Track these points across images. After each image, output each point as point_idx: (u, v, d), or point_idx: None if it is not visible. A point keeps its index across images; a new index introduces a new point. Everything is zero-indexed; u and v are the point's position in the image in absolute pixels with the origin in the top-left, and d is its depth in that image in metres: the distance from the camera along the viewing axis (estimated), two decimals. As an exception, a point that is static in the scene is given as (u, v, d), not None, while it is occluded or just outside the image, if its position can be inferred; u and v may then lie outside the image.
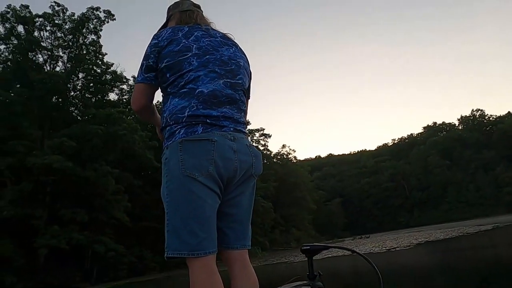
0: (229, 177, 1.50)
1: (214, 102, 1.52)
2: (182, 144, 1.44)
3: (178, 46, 1.57)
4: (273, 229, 46.03)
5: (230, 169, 1.49)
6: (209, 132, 1.47)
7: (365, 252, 18.78)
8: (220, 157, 1.46)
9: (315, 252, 1.76)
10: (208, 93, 1.51)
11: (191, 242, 1.40)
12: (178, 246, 1.41)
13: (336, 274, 9.93)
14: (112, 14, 32.88)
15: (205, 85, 1.53)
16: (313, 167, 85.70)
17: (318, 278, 1.73)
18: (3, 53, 30.71)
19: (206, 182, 1.44)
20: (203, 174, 1.43)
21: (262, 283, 1.58)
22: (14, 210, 22.91)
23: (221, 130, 1.50)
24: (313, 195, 63.82)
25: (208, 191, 1.45)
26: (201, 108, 1.49)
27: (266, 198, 43.65)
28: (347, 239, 47.30)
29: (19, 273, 22.25)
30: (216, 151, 1.46)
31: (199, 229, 1.41)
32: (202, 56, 1.57)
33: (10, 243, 22.68)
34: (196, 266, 1.40)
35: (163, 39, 1.59)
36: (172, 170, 1.45)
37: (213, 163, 1.44)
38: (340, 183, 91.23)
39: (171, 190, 1.44)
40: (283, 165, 57.02)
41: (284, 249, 41.95)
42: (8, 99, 27.96)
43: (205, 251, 1.41)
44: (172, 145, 1.47)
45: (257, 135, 54.06)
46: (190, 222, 1.41)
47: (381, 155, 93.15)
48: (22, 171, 25.00)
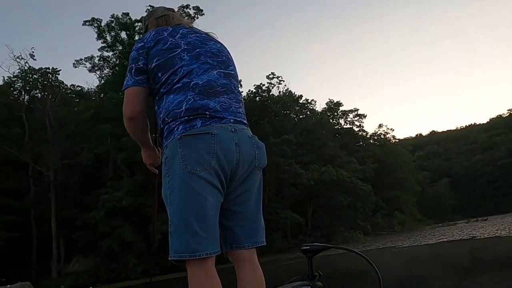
0: (232, 170, 1.46)
1: (210, 92, 1.48)
2: (181, 140, 1.40)
3: (166, 45, 1.54)
4: (374, 213, 44.02)
5: (233, 162, 1.45)
6: (208, 125, 1.43)
7: (488, 236, 16.72)
8: (222, 150, 1.42)
9: (315, 252, 1.75)
10: (204, 84, 1.48)
11: (193, 243, 1.35)
12: (181, 248, 1.36)
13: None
14: (201, 10, 34.11)
15: (199, 76, 1.50)
16: (415, 146, 79.83)
17: (318, 278, 1.73)
18: (111, 59, 34.01)
19: (208, 177, 1.40)
20: (205, 169, 1.39)
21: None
22: (131, 199, 25.36)
23: (220, 122, 1.46)
24: (417, 176, 59.39)
25: (210, 188, 1.41)
26: (198, 100, 1.45)
27: (365, 181, 41.79)
28: (459, 222, 43.22)
29: (139, 256, 24.68)
30: (217, 144, 1.41)
31: (200, 229, 1.37)
32: (192, 50, 1.55)
33: (131, 229, 25.25)
34: (196, 269, 1.36)
35: (149, 40, 1.56)
36: (173, 168, 1.41)
37: (215, 157, 1.41)
38: (446, 162, 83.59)
39: (173, 189, 1.40)
40: (381, 146, 53.99)
41: (387, 233, 40.05)
42: (119, 101, 30.91)
43: (207, 252, 1.37)
44: (171, 143, 1.43)
45: (351, 116, 51.92)
46: (192, 221, 1.37)
47: (495, 128, 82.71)
48: (134, 164, 27.51)
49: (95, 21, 32.52)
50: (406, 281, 8.60)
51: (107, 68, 34.21)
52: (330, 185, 37.14)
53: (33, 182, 28.52)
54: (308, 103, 48.40)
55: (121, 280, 23.25)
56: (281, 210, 34.21)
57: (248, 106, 41.68)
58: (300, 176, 35.49)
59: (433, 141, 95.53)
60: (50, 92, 31.89)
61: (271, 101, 41.34)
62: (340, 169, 38.64)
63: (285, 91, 43.68)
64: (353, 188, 38.69)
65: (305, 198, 37.60)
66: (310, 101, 48.59)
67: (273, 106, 40.93)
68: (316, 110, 49.32)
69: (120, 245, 24.75)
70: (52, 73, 31.95)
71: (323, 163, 39.75)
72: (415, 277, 9.19)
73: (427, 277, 8.68)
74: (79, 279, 24.73)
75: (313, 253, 1.75)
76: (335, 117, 51.55)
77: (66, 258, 27.45)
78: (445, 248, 13.13)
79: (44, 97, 31.85)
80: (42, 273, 26.01)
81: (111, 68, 34.06)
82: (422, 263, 12.04)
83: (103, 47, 33.38)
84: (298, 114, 47.45)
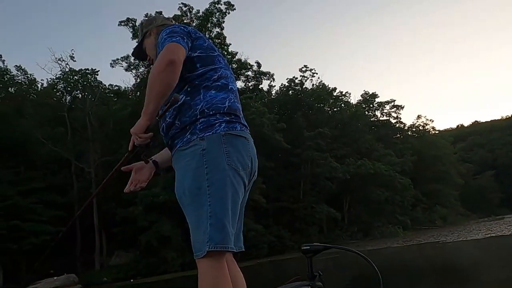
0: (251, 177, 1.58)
1: (239, 101, 1.62)
2: (226, 136, 1.45)
3: (205, 43, 1.59)
4: (414, 207, 42.66)
5: (255, 169, 1.59)
6: (244, 131, 1.54)
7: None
8: (253, 156, 1.55)
9: (315, 252, 1.77)
10: (236, 91, 1.61)
11: (231, 236, 1.41)
12: (222, 239, 1.38)
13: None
14: (232, 5, 34.07)
15: (233, 84, 1.61)
16: (456, 137, 76.58)
17: (318, 278, 1.74)
18: (146, 59, 34.77)
19: (244, 178, 1.49)
20: (244, 169, 1.47)
21: (263, 281, 1.71)
22: (168, 195, 25.85)
23: (248, 130, 1.59)
24: (459, 168, 56.90)
25: (243, 188, 1.51)
26: (236, 102, 1.56)
27: (404, 174, 40.50)
28: (507, 216, 40.98)
29: (178, 250, 25.18)
30: (251, 150, 1.54)
31: (233, 224, 1.44)
32: (222, 58, 1.63)
33: (169, 224, 25.77)
34: (223, 261, 1.41)
35: (193, 31, 1.58)
36: (214, 161, 1.42)
37: (250, 161, 1.52)
38: (490, 153, 79.44)
39: (213, 182, 1.41)
40: (419, 138, 52.08)
41: (428, 228, 38.70)
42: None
43: (234, 247, 1.45)
44: (211, 136, 1.44)
45: (388, 108, 50.29)
46: (231, 215, 1.42)
47: (545, 116, 77.71)
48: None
49: (130, 21, 33.31)
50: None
51: (142, 67, 34.96)
52: (367, 179, 36.31)
53: (76, 178, 29.72)
54: (343, 95, 47.45)
55: (160, 274, 23.82)
56: (316, 205, 33.83)
57: (281, 100, 41.69)
58: (335, 170, 34.90)
59: (476, 131, 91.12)
60: (90, 92, 33.03)
61: (304, 94, 40.83)
62: (377, 162, 37.68)
63: (319, 84, 43.01)
64: (391, 182, 37.64)
65: (341, 192, 36.99)
66: (344, 93, 47.62)
67: (306, 100, 40.40)
68: (350, 103, 48.30)
69: (158, 239, 25.35)
70: (91, 73, 33.05)
71: (359, 156, 38.91)
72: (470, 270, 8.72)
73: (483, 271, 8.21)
74: (120, 272, 25.58)
75: (313, 253, 1.78)
76: (371, 109, 50.20)
77: (108, 251, 28.48)
78: (495, 243, 12.38)
79: (84, 97, 33.06)
80: (86, 265, 27.13)
81: (146, 66, 34.81)
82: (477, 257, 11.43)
83: (138, 47, 34.17)
84: (332, 107, 46.62)
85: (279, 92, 42.86)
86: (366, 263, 1.77)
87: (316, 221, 33.93)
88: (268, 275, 14.26)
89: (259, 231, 27.99)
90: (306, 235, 32.15)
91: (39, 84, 35.85)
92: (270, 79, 40.43)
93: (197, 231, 1.41)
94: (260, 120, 30.20)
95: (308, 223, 33.74)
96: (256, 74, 39.06)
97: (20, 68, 34.09)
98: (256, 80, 39.59)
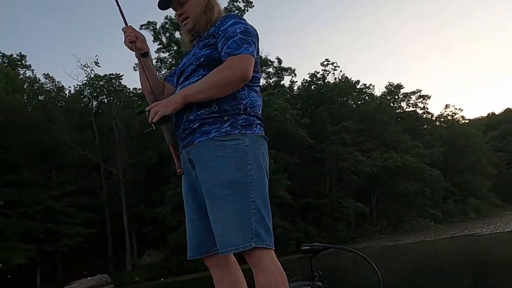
0: None
1: None
2: (261, 139, 1.50)
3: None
4: (445, 199, 41.41)
5: None
6: (266, 136, 1.57)
7: None
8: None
9: (315, 252, 1.76)
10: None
11: (272, 234, 1.43)
12: (267, 236, 1.39)
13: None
14: (251, 2, 33.96)
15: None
16: (487, 126, 73.61)
17: (318, 278, 1.73)
18: (168, 60, 35.16)
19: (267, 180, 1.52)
20: (267, 171, 1.50)
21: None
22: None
23: None
24: (491, 158, 54.73)
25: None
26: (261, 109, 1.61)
27: (433, 166, 39.38)
28: (545, 206, 39.19)
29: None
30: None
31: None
32: None
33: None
34: (274, 257, 1.41)
35: (258, 37, 1.60)
36: (256, 159, 1.45)
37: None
38: (525, 141, 76.26)
39: (255, 179, 1.42)
40: (448, 128, 50.53)
41: (461, 220, 37.51)
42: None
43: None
44: (252, 135, 1.47)
45: (414, 98, 48.96)
46: (270, 214, 1.45)
47: None
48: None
49: (151, 24, 33.77)
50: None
51: (164, 69, 35.41)
52: (395, 172, 35.51)
53: (105, 181, 30.46)
54: (366, 87, 46.53)
55: (190, 272, 24.07)
56: (343, 200, 33.37)
57: (303, 95, 41.33)
58: (361, 164, 34.30)
59: (508, 119, 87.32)
60: (115, 97, 33.74)
61: (326, 89, 40.27)
62: (404, 155, 36.79)
63: (341, 78, 42.32)
64: (420, 174, 36.67)
65: (369, 186, 36.32)
66: (368, 85, 46.70)
67: (329, 94, 39.86)
68: (375, 95, 47.33)
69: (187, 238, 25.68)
70: (116, 78, 33.74)
71: (386, 149, 38.09)
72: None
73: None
74: (151, 271, 26.06)
75: (313, 253, 1.77)
76: (396, 100, 49.02)
77: (139, 251, 29.07)
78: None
79: (110, 102, 33.82)
80: (118, 266, 27.80)
81: (168, 68, 35.22)
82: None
83: (159, 49, 34.59)
84: (356, 100, 45.81)
85: (301, 87, 42.47)
86: (366, 263, 1.77)
87: (344, 216, 33.47)
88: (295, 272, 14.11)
89: (286, 228, 27.86)
90: (334, 231, 31.78)
91: (66, 90, 36.91)
92: (292, 74, 40.16)
93: (233, 225, 1.36)
94: (283, 116, 29.99)
95: (336, 219, 33.33)
96: (277, 70, 38.85)
97: (48, 76, 35.25)
98: (277, 77, 39.38)
